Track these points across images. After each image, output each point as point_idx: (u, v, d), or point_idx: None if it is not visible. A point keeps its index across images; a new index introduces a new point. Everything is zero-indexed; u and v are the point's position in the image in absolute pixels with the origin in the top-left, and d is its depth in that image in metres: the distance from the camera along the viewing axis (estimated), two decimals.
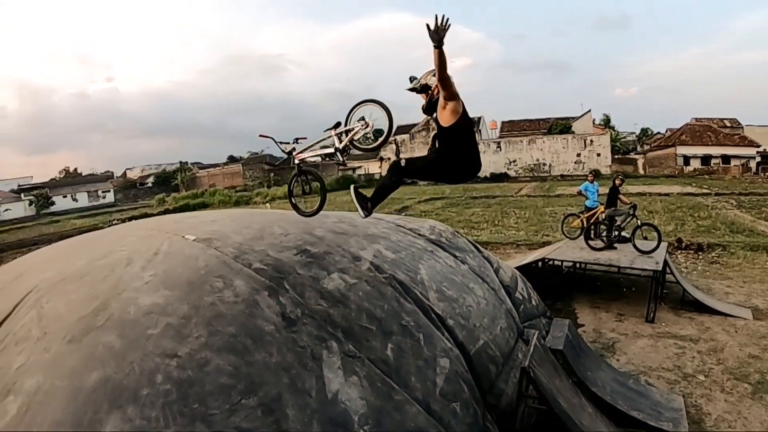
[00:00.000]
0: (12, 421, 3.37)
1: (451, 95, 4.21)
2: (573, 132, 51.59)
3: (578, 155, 48.76)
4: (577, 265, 11.44)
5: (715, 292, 11.20)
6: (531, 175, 49.32)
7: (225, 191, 52.55)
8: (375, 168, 56.51)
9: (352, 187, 4.75)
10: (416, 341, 4.88)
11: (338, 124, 5.00)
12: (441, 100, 4.30)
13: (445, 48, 3.85)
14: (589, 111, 56.50)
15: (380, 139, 4.95)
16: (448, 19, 3.77)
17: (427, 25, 3.77)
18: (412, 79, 4.62)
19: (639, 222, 11.67)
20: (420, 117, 56.30)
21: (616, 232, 11.93)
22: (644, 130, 74.75)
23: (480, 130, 53.92)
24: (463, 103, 4.30)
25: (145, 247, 5.63)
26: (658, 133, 69.28)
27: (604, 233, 12.06)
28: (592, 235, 12.31)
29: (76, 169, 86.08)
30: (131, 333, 3.99)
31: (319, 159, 5.63)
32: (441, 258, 7.11)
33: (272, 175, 61.35)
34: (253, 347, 3.97)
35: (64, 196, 62.49)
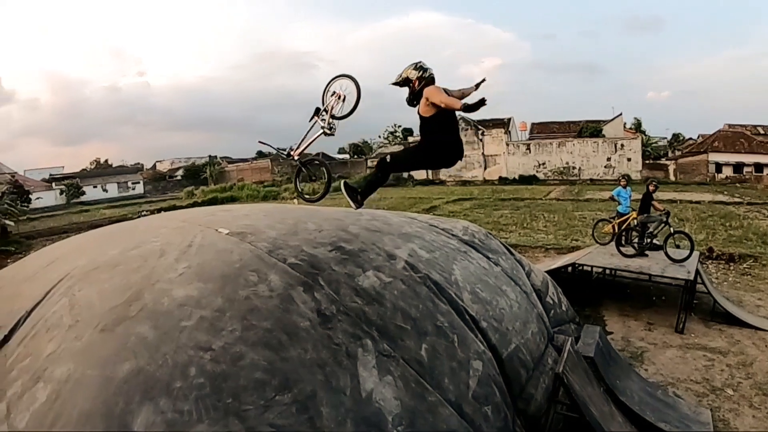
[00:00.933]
0: (41, 408, 3.35)
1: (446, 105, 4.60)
2: (603, 135, 50.90)
3: (608, 159, 48.02)
4: (607, 271, 11.28)
5: (745, 304, 10.96)
6: (560, 178, 48.76)
7: (253, 186, 52.76)
8: None
9: (342, 181, 5.23)
10: (450, 342, 4.83)
11: (318, 110, 5.67)
12: (424, 97, 4.73)
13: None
14: (620, 115, 55.74)
15: (352, 106, 5.52)
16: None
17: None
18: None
19: (672, 229, 11.49)
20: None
21: (648, 239, 11.71)
22: (675, 136, 73.49)
23: (510, 132, 53.46)
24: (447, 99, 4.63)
25: (178, 239, 5.64)
26: (690, 138, 68.11)
27: (636, 240, 11.87)
28: (623, 242, 12.11)
29: (106, 161, 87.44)
30: (165, 324, 3.97)
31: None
32: (474, 259, 7.04)
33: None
34: (288, 343, 3.93)
35: (95, 187, 63.32)
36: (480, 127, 52.82)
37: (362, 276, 5.13)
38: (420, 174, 54.50)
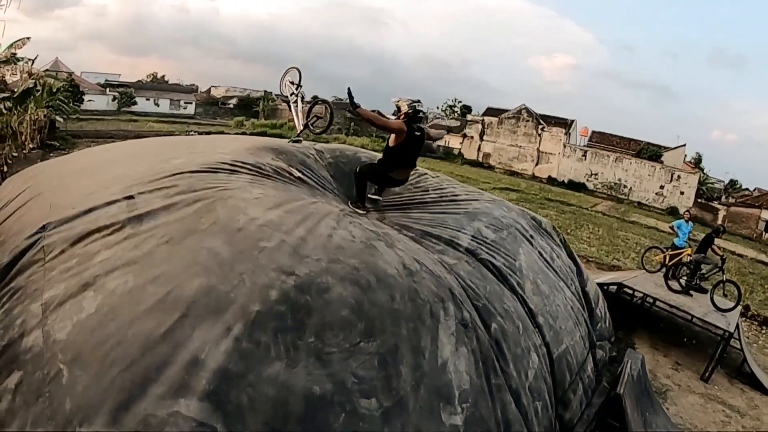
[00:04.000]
0: (88, 321, 3.06)
1: (393, 131, 5.83)
2: (662, 162, 49.56)
3: (661, 187, 46.83)
4: (648, 298, 11.13)
5: None
6: (609, 193, 47.76)
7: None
8: (456, 142, 55.78)
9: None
10: (516, 328, 4.74)
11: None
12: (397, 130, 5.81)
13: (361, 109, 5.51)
14: (684, 146, 54.04)
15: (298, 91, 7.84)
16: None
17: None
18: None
19: (724, 277, 11.22)
20: (513, 104, 55.26)
21: (698, 280, 11.50)
22: (732, 182, 71.36)
23: (570, 133, 52.33)
24: (408, 132, 5.77)
25: (251, 160, 5.54)
26: (746, 189, 66.09)
27: (685, 277, 11.62)
28: (670, 275, 11.91)
29: (163, 76, 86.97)
30: (240, 242, 3.67)
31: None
32: (537, 246, 6.91)
33: (352, 124, 61.03)
34: (377, 285, 3.69)
35: (147, 99, 63.41)
36: (542, 122, 51.83)
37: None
38: (470, 153, 54.00)
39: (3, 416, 2.81)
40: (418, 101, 5.87)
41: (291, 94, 7.92)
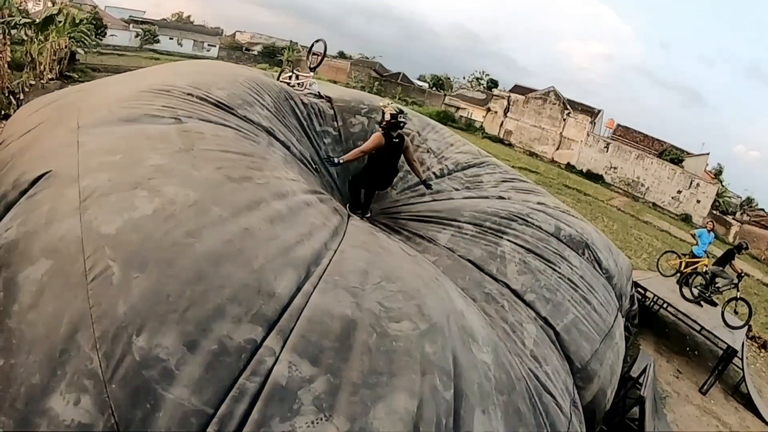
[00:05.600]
0: (143, 221, 2.93)
1: (376, 147, 6.32)
2: (683, 167, 48.78)
3: (678, 192, 46.00)
4: (659, 301, 10.96)
5: (764, 395, 10.62)
6: (625, 189, 47.11)
7: (327, 83, 51.66)
8: (478, 115, 54.91)
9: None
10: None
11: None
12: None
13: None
14: (707, 154, 53.22)
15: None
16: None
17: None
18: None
19: (738, 294, 10.99)
20: (543, 85, 54.20)
21: (711, 293, 11.29)
22: (749, 199, 70.62)
23: (595, 123, 51.42)
24: (386, 141, 6.29)
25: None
26: (762, 209, 65.48)
27: (699, 287, 11.39)
28: (684, 283, 11.66)
29: (188, 17, 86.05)
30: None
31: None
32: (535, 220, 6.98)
33: (377, 83, 60.19)
34: None
35: (170, 38, 62.50)
36: (569, 107, 50.95)
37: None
38: (492, 128, 53.19)
39: (25, 310, 2.58)
40: (401, 111, 6.42)
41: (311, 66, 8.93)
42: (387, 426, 2.62)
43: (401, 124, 6.39)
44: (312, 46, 9.43)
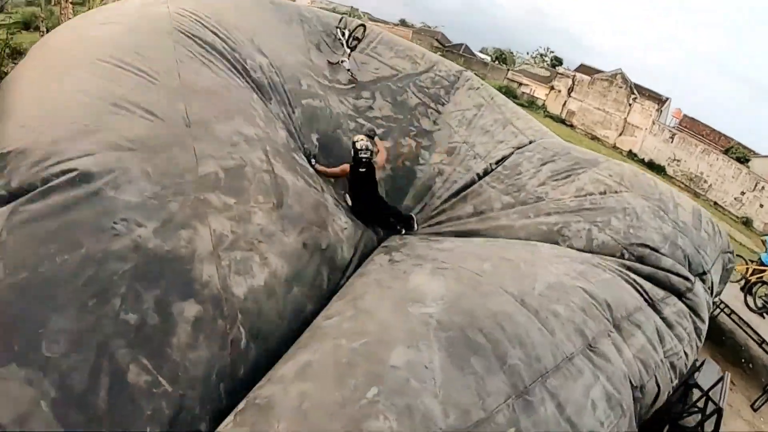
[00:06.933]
0: (258, 291, 3.32)
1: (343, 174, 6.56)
2: (749, 167, 46.32)
3: (742, 193, 43.53)
4: (722, 306, 10.56)
5: None
6: (687, 183, 45.28)
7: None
8: (541, 93, 53.31)
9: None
10: None
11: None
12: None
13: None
14: None
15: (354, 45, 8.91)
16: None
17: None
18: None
19: None
20: (611, 66, 52.11)
21: None
22: None
23: (662, 111, 49.30)
24: (350, 173, 6.49)
25: None
26: None
27: (764, 297, 10.82)
28: (748, 290, 11.12)
29: None
30: None
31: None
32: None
33: (438, 54, 58.87)
34: None
35: None
36: (635, 92, 48.92)
37: None
38: (554, 107, 51.60)
39: (183, 347, 2.73)
40: (367, 148, 6.52)
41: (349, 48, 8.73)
42: None
43: (363, 160, 6.46)
44: (354, 30, 9.01)
